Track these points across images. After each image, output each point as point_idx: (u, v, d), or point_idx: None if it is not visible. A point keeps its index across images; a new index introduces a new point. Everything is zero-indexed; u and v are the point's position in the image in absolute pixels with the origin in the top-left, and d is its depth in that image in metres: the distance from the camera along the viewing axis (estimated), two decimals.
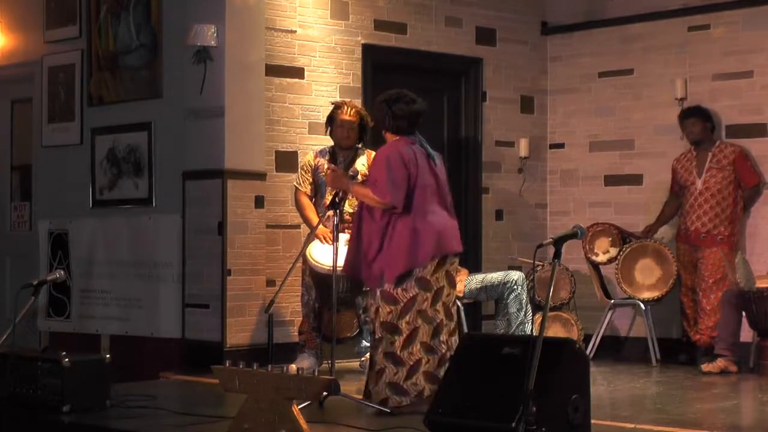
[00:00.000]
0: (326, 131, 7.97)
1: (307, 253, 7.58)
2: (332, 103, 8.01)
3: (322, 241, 7.63)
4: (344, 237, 7.57)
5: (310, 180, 7.90)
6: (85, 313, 9.13)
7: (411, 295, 6.26)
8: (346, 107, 7.88)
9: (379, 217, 6.33)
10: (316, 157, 7.94)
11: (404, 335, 6.25)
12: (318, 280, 7.61)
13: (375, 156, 6.60)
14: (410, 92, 6.56)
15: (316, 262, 7.55)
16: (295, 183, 8.01)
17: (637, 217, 9.58)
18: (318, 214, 7.78)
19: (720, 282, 8.65)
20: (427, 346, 6.27)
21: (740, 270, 8.28)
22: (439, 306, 6.31)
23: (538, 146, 10.15)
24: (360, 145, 7.94)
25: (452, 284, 6.39)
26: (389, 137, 6.51)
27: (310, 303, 7.85)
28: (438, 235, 6.29)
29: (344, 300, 7.49)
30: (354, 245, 6.48)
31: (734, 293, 8.34)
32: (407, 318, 6.25)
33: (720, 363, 8.20)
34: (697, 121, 8.94)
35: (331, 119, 7.88)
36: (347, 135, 7.83)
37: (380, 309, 6.33)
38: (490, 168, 9.86)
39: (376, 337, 6.34)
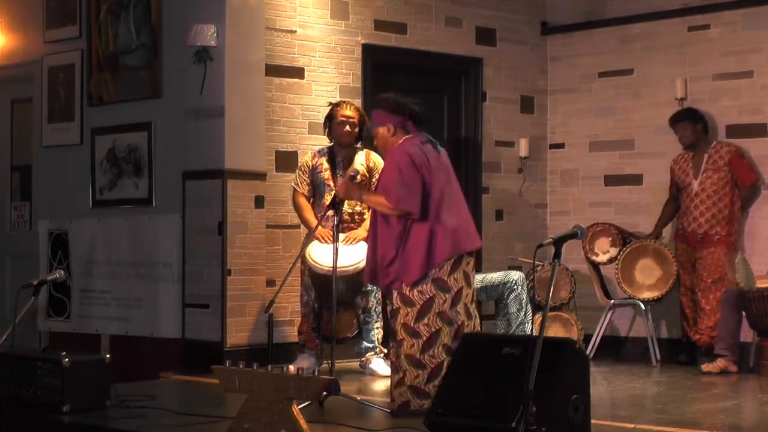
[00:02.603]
0: (324, 131, 7.96)
1: (306, 254, 7.58)
2: (330, 104, 8.01)
3: (321, 242, 7.63)
4: (343, 236, 7.60)
5: (308, 180, 7.89)
6: (85, 313, 9.12)
7: (428, 296, 6.15)
8: (345, 104, 7.89)
9: (395, 223, 6.20)
10: (314, 157, 7.93)
11: (424, 338, 6.15)
12: (317, 281, 7.61)
13: (385, 162, 6.46)
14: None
15: (315, 262, 7.54)
16: (292, 184, 8.01)
17: (637, 217, 9.58)
18: (317, 214, 7.78)
19: (718, 282, 8.64)
20: (448, 348, 6.15)
21: (740, 270, 8.27)
22: (459, 307, 6.20)
23: (538, 146, 10.15)
24: (358, 145, 7.94)
25: (470, 285, 6.28)
26: (397, 138, 6.31)
27: (309, 303, 7.85)
28: (453, 236, 6.17)
29: (343, 300, 7.48)
30: (371, 253, 6.36)
31: (734, 293, 8.33)
32: (425, 320, 6.15)
33: (720, 363, 8.21)
34: (687, 125, 8.91)
35: (330, 117, 7.88)
36: (348, 131, 7.80)
37: (400, 311, 6.20)
38: (490, 168, 9.86)
39: (397, 339, 6.19)
